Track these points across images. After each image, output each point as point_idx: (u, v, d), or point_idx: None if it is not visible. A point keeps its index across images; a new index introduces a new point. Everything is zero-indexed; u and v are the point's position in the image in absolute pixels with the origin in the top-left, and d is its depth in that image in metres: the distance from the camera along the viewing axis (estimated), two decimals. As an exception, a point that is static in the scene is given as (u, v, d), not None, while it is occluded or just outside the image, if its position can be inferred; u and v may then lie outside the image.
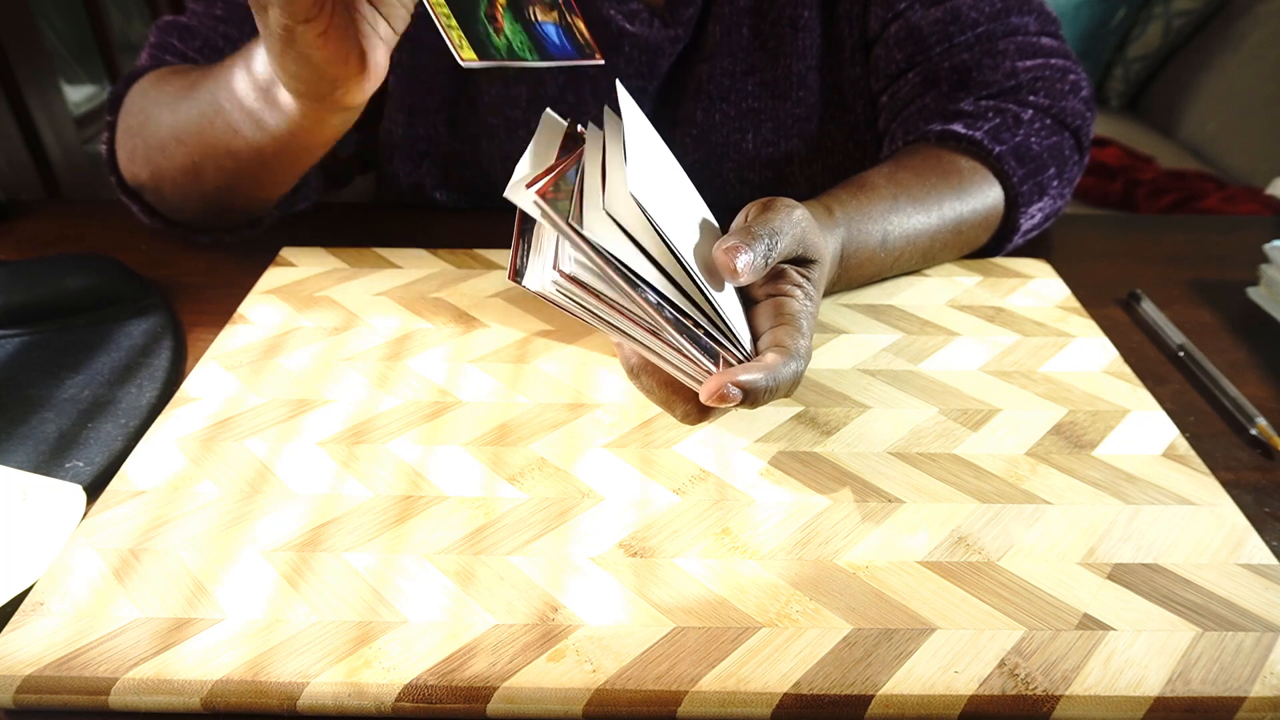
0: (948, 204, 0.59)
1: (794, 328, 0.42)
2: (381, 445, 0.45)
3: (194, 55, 0.65)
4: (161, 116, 0.59)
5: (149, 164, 0.61)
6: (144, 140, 0.61)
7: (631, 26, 0.67)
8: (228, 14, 0.66)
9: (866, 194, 0.57)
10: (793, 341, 0.41)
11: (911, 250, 0.59)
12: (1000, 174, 0.61)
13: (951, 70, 0.66)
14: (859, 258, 0.55)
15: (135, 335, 0.54)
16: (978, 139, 0.61)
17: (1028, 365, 0.53)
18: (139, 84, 0.63)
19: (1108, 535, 0.40)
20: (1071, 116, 0.64)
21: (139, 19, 1.94)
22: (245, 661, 0.34)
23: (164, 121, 0.59)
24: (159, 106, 0.60)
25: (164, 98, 0.60)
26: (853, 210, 0.55)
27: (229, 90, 0.55)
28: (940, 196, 0.59)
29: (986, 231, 0.63)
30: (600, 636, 0.35)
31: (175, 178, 0.61)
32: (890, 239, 0.57)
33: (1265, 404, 0.50)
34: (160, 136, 0.60)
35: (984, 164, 0.62)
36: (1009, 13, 0.66)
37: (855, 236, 0.54)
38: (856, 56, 0.70)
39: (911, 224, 0.58)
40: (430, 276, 0.61)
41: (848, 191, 0.56)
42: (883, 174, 0.59)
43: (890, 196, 0.57)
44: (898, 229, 0.57)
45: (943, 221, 0.59)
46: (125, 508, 0.41)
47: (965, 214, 0.60)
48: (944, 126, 0.63)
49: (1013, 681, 0.34)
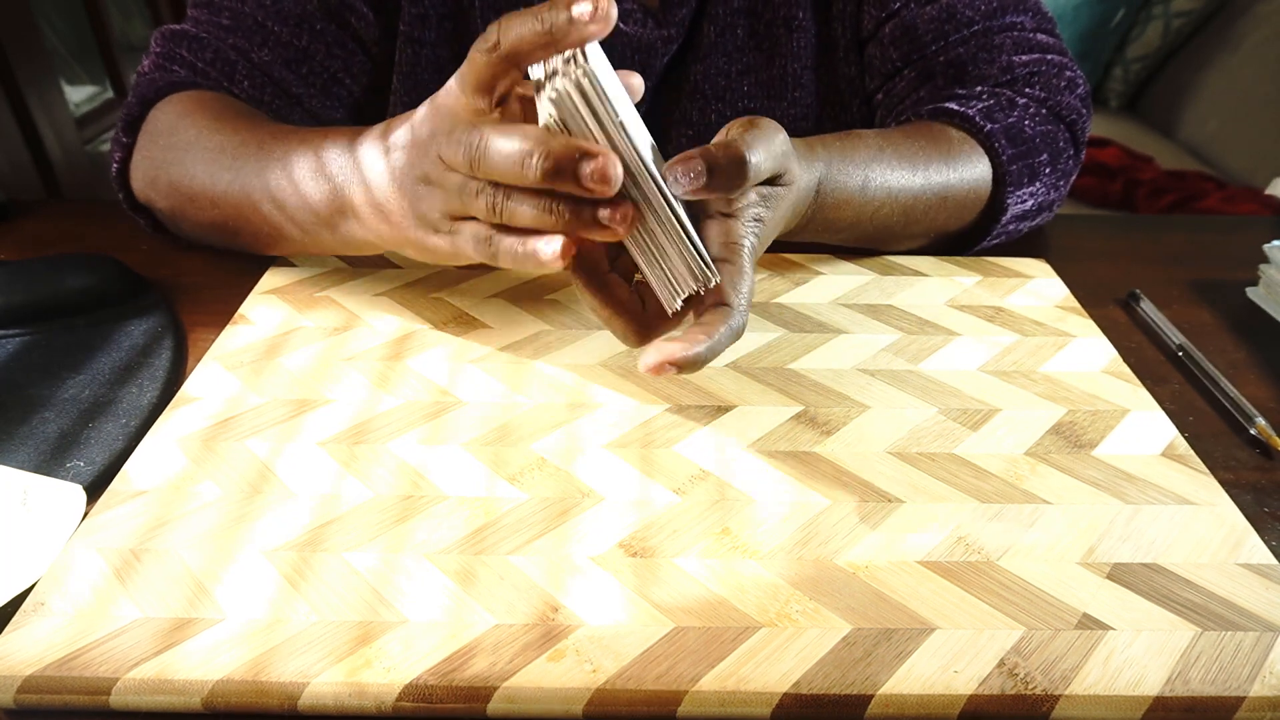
0: (934, 167, 0.59)
1: (736, 267, 0.43)
2: (382, 445, 0.45)
3: (205, 67, 0.63)
4: (194, 169, 0.57)
5: (171, 202, 0.60)
6: (169, 180, 0.59)
7: (625, 26, 0.67)
8: (234, 23, 0.64)
9: (852, 141, 0.57)
10: (734, 291, 0.42)
11: (892, 204, 0.58)
12: (990, 150, 0.61)
13: (947, 65, 0.66)
14: (835, 197, 0.55)
15: (135, 335, 0.54)
16: (969, 115, 0.61)
17: (1027, 365, 0.53)
18: (163, 111, 0.61)
19: (1107, 535, 0.40)
20: (1067, 110, 0.64)
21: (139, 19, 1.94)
22: (246, 661, 0.34)
23: (197, 176, 0.57)
24: (191, 154, 0.57)
25: (199, 148, 0.57)
26: (835, 151, 0.55)
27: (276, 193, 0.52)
28: (928, 159, 0.59)
29: (973, 207, 0.62)
30: (600, 636, 0.35)
31: (200, 225, 0.60)
32: (870, 186, 0.56)
33: (1265, 404, 0.50)
34: (192, 189, 0.57)
35: (974, 138, 0.61)
36: (1005, 11, 0.66)
37: (834, 175, 0.54)
38: (851, 56, 0.70)
39: (895, 177, 0.57)
40: (430, 276, 0.61)
41: (834, 136, 0.57)
42: (872, 131, 0.59)
43: (876, 148, 0.57)
44: (879, 178, 0.56)
45: (927, 183, 0.59)
46: (126, 508, 0.41)
47: (952, 180, 0.60)
48: (936, 105, 0.63)
49: (1012, 681, 0.34)
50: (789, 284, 0.61)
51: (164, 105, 0.61)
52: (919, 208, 0.60)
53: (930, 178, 0.59)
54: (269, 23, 0.64)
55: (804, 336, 0.55)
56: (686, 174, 0.40)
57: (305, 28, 0.65)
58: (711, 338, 0.41)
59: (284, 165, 0.52)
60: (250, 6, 0.64)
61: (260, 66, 0.64)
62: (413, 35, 0.68)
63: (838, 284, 0.61)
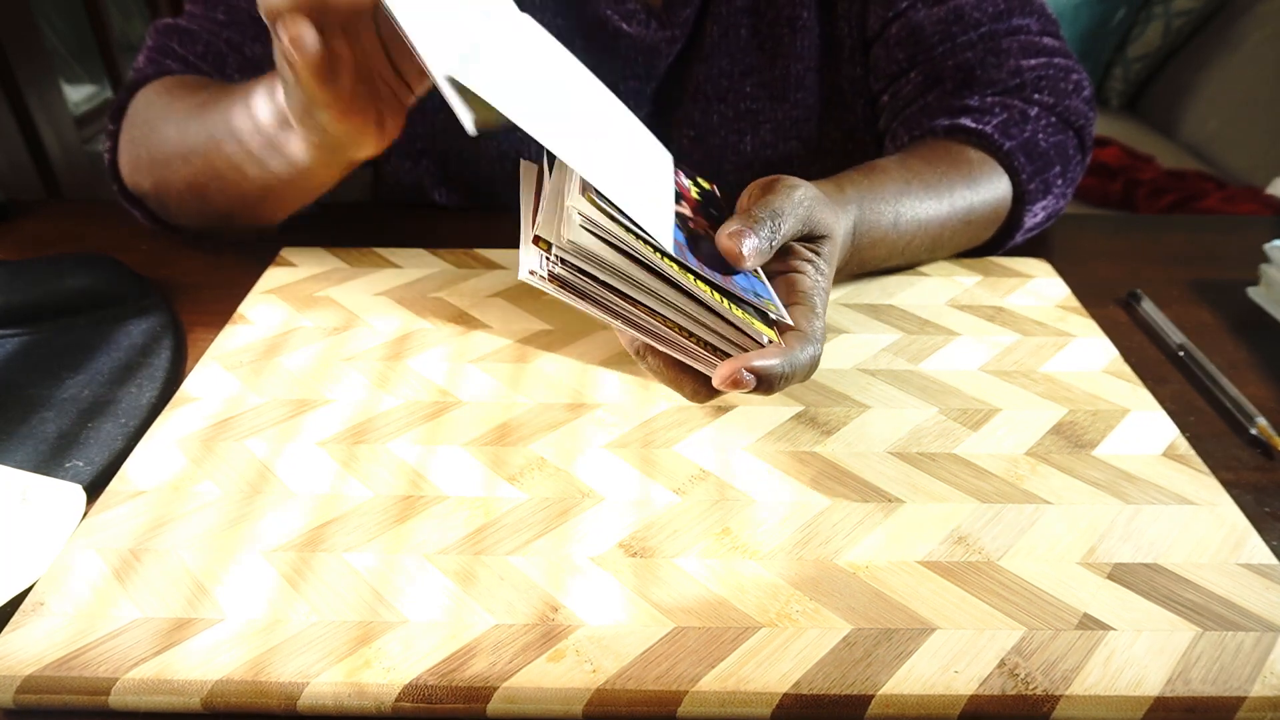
0: (959, 192, 0.59)
1: (808, 307, 0.42)
2: (382, 445, 0.45)
3: (196, 60, 0.64)
4: (168, 132, 0.59)
5: (152, 176, 0.61)
6: (148, 152, 0.61)
7: (628, 27, 0.67)
8: (230, 18, 0.65)
9: (879, 176, 0.57)
10: (808, 323, 0.41)
11: (922, 235, 0.59)
12: (1010, 169, 0.61)
13: (955, 69, 0.66)
14: (871, 237, 0.55)
15: (135, 335, 0.54)
16: (988, 133, 0.61)
17: (1028, 365, 0.53)
18: (143, 93, 0.63)
19: (1107, 535, 0.40)
20: (1075, 116, 0.64)
21: (139, 19, 1.94)
22: (246, 661, 0.34)
23: (170, 138, 0.59)
24: (165, 121, 0.60)
25: (171, 113, 0.59)
26: (865, 190, 0.55)
27: (234, 126, 0.54)
28: (951, 184, 0.59)
29: (993, 225, 0.63)
30: (600, 636, 0.35)
31: (180, 193, 0.61)
32: (902, 221, 0.56)
33: (1265, 404, 0.50)
34: (165, 152, 0.59)
35: (994, 158, 0.62)
36: (1011, 13, 0.66)
37: (867, 216, 0.54)
38: (856, 57, 0.70)
39: (923, 208, 0.58)
40: (430, 276, 0.61)
41: (860, 173, 0.56)
42: (894, 160, 0.59)
43: (902, 180, 0.57)
44: (909, 212, 0.57)
45: (953, 209, 0.59)
46: (125, 508, 0.41)
47: (975, 204, 0.60)
48: (952, 121, 0.63)
49: (1013, 681, 0.34)
50: (789, 284, 0.61)
51: (143, 91, 0.63)
52: (946, 234, 0.60)
53: (955, 204, 0.59)
54: None
55: (804, 336, 0.55)
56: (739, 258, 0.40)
57: None
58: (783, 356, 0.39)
59: (238, 103, 0.55)
60: (245, 2, 0.65)
61: (253, 60, 0.65)
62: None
63: (838, 284, 0.61)
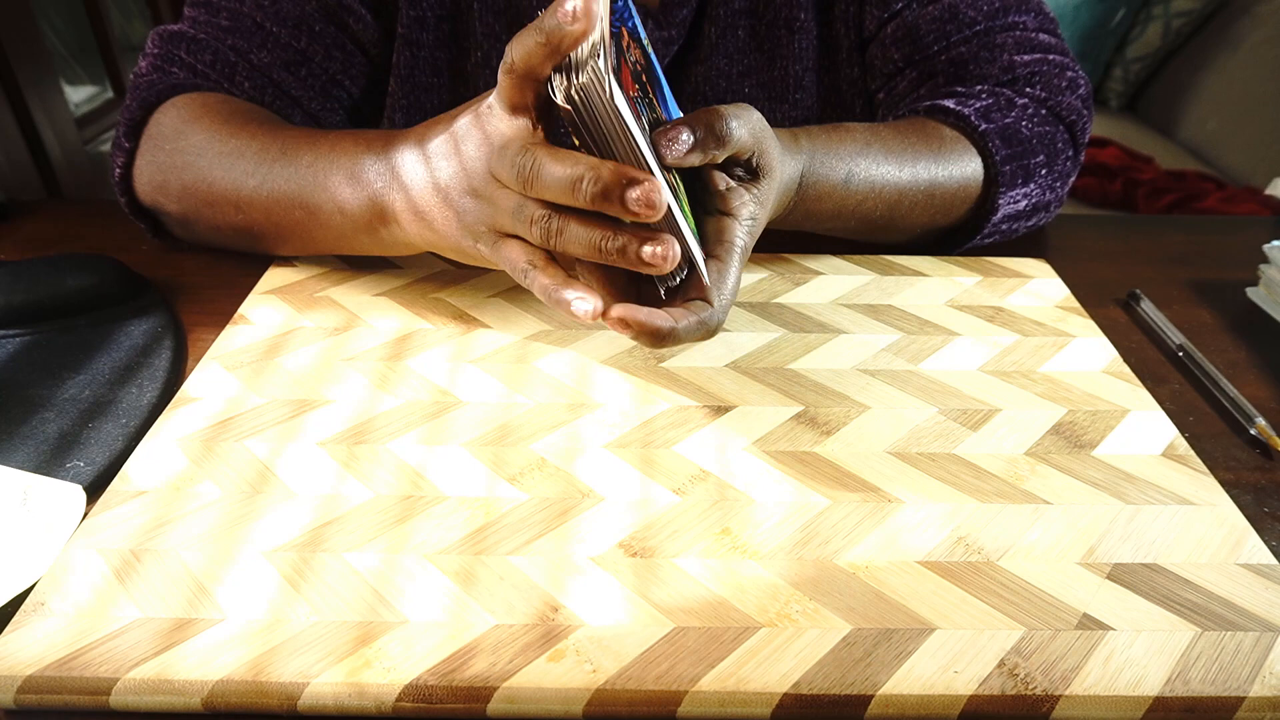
0: (922, 163, 0.59)
1: (725, 264, 0.45)
2: (382, 445, 0.45)
3: (205, 69, 0.63)
4: (213, 173, 0.56)
5: (183, 204, 0.59)
6: (181, 182, 0.58)
7: None
8: (233, 25, 0.64)
9: (840, 133, 0.57)
10: (717, 292, 0.44)
11: (876, 198, 0.58)
12: (983, 150, 0.61)
13: (949, 64, 0.66)
14: (818, 190, 0.55)
15: (135, 335, 0.54)
16: (964, 114, 0.61)
17: (1027, 365, 0.53)
18: (167, 114, 0.60)
19: (1107, 535, 0.40)
20: (1067, 111, 0.64)
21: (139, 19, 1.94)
22: (246, 661, 0.34)
23: (217, 180, 0.56)
24: (208, 159, 0.57)
25: (215, 153, 0.57)
26: (821, 143, 0.55)
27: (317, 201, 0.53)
28: (916, 154, 0.59)
29: (962, 204, 0.62)
30: (600, 636, 0.35)
31: (218, 227, 0.59)
32: (854, 179, 0.56)
33: (1265, 404, 0.50)
34: (211, 192, 0.57)
35: (967, 138, 0.61)
36: (1007, 11, 0.66)
37: (817, 168, 0.55)
38: (853, 57, 0.70)
39: (880, 171, 0.58)
40: (430, 276, 0.61)
41: (822, 129, 0.57)
42: (862, 125, 0.59)
43: (863, 141, 0.57)
44: (864, 172, 0.57)
45: (915, 179, 0.59)
46: (126, 508, 0.41)
47: (940, 178, 0.60)
48: (934, 102, 0.63)
49: (1012, 681, 0.34)
50: (789, 284, 0.61)
51: (167, 108, 0.61)
52: (904, 203, 0.60)
53: (917, 174, 0.59)
54: (268, 24, 0.64)
55: (804, 336, 0.55)
56: (672, 143, 0.42)
57: (304, 30, 0.65)
58: (679, 321, 0.43)
59: (315, 171, 0.53)
60: (249, 7, 0.64)
61: (260, 68, 0.64)
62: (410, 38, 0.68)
63: (838, 284, 0.61)
